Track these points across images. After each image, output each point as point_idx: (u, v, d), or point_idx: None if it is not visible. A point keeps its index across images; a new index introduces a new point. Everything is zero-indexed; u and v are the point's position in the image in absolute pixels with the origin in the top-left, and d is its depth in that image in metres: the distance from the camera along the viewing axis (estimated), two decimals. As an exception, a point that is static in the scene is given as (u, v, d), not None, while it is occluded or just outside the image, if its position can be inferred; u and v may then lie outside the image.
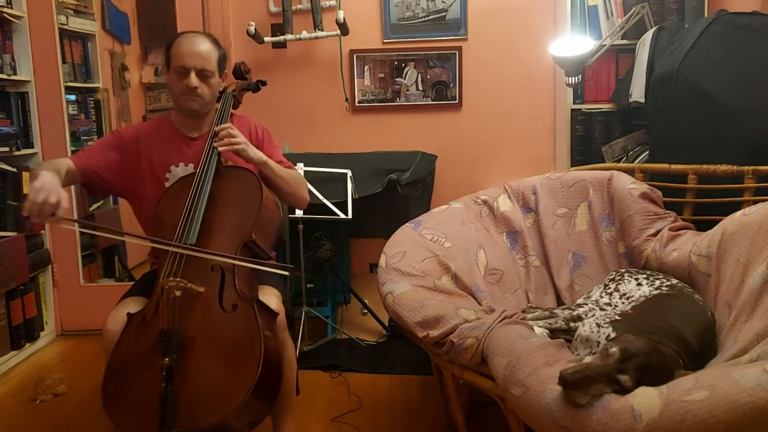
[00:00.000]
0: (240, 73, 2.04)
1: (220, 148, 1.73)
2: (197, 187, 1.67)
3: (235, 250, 1.60)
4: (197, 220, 1.61)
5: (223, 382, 1.39)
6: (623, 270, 1.94)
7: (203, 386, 1.38)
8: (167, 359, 1.36)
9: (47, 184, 1.48)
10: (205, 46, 1.78)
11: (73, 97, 3.15)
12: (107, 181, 1.83)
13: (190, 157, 1.84)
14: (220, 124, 1.79)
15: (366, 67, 3.12)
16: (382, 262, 1.90)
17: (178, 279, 1.46)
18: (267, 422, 1.66)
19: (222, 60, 1.83)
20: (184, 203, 1.65)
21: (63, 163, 1.73)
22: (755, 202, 1.82)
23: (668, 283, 1.77)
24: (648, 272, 1.88)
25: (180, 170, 1.84)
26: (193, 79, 1.75)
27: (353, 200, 2.65)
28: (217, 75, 1.81)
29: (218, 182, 1.71)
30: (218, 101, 1.91)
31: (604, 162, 2.87)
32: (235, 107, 1.98)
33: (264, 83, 2.12)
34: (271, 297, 1.63)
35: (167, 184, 1.81)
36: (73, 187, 2.67)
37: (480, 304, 1.86)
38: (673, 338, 1.46)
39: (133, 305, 1.61)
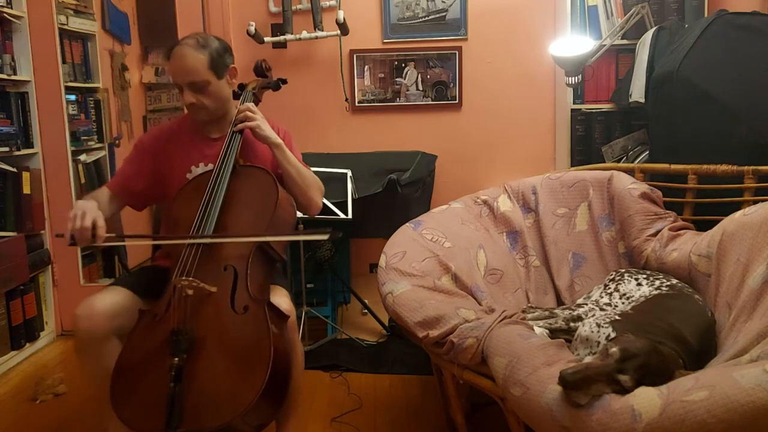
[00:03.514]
0: (261, 70, 2.01)
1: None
2: (214, 185, 1.66)
3: (248, 251, 1.59)
4: (213, 218, 1.60)
5: (232, 384, 1.38)
6: (623, 270, 1.94)
7: (211, 387, 1.37)
8: (176, 359, 1.36)
9: (77, 209, 1.54)
10: (189, 58, 1.70)
11: (73, 97, 3.15)
12: (140, 193, 1.84)
13: (211, 157, 1.81)
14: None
15: (366, 67, 3.12)
16: (382, 262, 1.90)
17: (190, 278, 1.45)
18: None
19: (215, 60, 1.73)
20: (199, 201, 1.64)
21: (100, 193, 1.79)
22: (755, 202, 1.82)
23: (668, 283, 1.77)
24: (648, 272, 1.88)
25: (201, 170, 1.81)
26: (188, 96, 1.72)
27: (353, 200, 2.65)
28: (213, 80, 1.74)
29: (234, 181, 1.69)
30: (237, 98, 1.88)
31: (604, 162, 2.87)
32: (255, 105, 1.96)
33: (285, 81, 2.08)
34: (282, 298, 1.62)
35: None
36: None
37: (480, 304, 1.86)
38: (673, 338, 1.46)
39: (119, 297, 1.58)
